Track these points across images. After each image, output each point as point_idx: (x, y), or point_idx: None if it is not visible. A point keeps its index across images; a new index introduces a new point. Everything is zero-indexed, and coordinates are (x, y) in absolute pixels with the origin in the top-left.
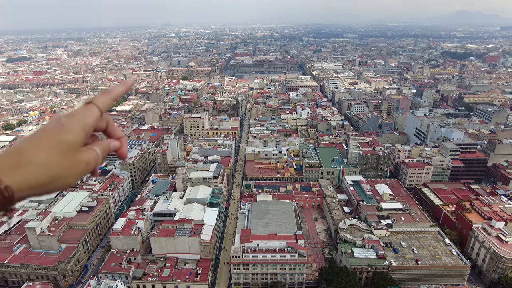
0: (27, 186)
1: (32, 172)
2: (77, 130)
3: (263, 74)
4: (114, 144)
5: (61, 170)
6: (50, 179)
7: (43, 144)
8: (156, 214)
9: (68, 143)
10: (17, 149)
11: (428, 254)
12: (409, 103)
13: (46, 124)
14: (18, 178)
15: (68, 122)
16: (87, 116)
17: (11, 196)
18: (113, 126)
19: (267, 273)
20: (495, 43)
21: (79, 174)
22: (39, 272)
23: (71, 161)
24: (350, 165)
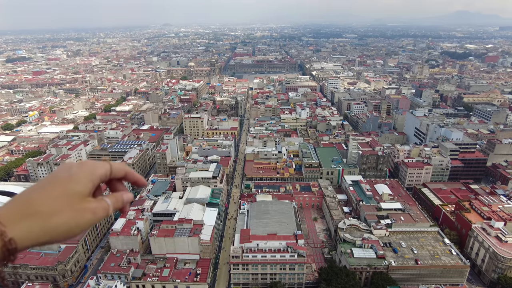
0: (30, 237)
1: (36, 223)
2: (85, 181)
3: (263, 74)
4: (128, 196)
5: (66, 219)
6: (55, 229)
7: (50, 194)
8: (156, 214)
9: (75, 192)
10: (25, 198)
11: (427, 254)
12: (409, 103)
13: (56, 172)
14: (22, 229)
15: (77, 172)
16: (97, 168)
17: (14, 248)
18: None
19: (266, 273)
20: (495, 43)
21: (85, 223)
22: (38, 272)
23: (77, 210)
24: (349, 165)
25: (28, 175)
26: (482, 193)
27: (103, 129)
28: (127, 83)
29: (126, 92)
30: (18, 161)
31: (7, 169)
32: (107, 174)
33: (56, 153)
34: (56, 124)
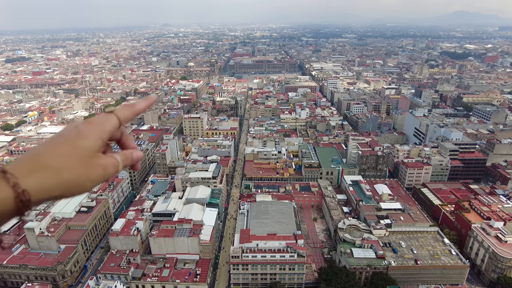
0: (44, 190)
1: (48, 177)
2: (94, 137)
3: (262, 74)
4: (137, 154)
5: (78, 174)
6: (66, 184)
7: (60, 149)
8: (155, 214)
9: (85, 148)
10: (35, 154)
11: (427, 254)
12: (408, 103)
13: (63, 130)
14: (35, 182)
15: (85, 128)
16: (106, 124)
17: (28, 200)
18: (127, 137)
19: (266, 273)
20: (494, 43)
21: (97, 179)
22: (38, 272)
23: (88, 165)
24: (349, 165)
25: None
26: (481, 193)
27: None
28: (126, 83)
29: (126, 92)
30: None
31: None
32: (116, 127)
33: None
34: (55, 124)
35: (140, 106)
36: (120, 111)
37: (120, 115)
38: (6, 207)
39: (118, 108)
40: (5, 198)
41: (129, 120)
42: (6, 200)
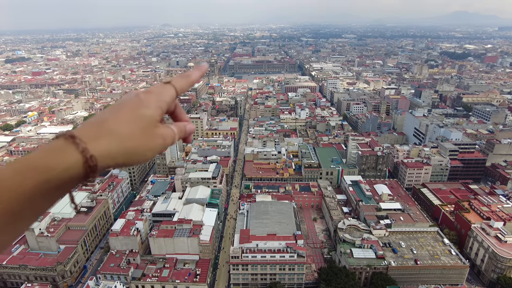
0: (109, 156)
1: (113, 143)
2: (155, 106)
3: (262, 74)
4: (190, 126)
5: (140, 142)
6: (130, 151)
7: (123, 117)
8: (155, 214)
9: (147, 117)
10: (100, 119)
11: (427, 254)
12: (408, 103)
13: (124, 98)
14: (102, 148)
15: (146, 98)
16: (164, 94)
17: (95, 165)
18: (180, 109)
19: (266, 273)
20: (493, 44)
21: (157, 148)
22: (37, 273)
23: (149, 134)
24: (349, 165)
25: None
26: (481, 193)
27: None
28: (126, 83)
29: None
30: None
31: None
32: (173, 97)
33: None
34: (55, 124)
35: (195, 76)
36: (176, 81)
37: (177, 86)
38: (76, 172)
39: (174, 78)
40: (75, 163)
41: (185, 90)
42: (76, 165)
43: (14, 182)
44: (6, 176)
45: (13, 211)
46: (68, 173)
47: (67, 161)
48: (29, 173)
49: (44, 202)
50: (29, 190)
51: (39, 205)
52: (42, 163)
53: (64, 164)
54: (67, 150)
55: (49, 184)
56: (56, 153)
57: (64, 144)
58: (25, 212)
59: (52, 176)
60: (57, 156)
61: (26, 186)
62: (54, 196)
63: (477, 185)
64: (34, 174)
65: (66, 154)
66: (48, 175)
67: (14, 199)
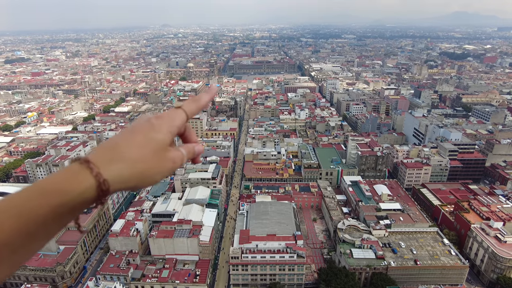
0: (121, 180)
1: (125, 167)
2: (166, 131)
3: (262, 74)
4: (199, 148)
5: (151, 166)
6: (141, 175)
7: (135, 141)
8: (155, 215)
9: (158, 141)
10: (112, 144)
11: (426, 254)
12: (408, 104)
13: (137, 123)
14: (114, 172)
15: (158, 123)
16: (175, 119)
17: (107, 189)
18: (190, 131)
19: (266, 274)
20: (493, 44)
21: (166, 171)
22: (37, 273)
23: (160, 158)
24: (348, 166)
25: (27, 176)
26: (481, 193)
27: (102, 130)
28: (126, 84)
29: (125, 93)
30: (17, 162)
31: (5, 170)
32: (184, 122)
33: (55, 154)
34: (55, 125)
35: (205, 99)
36: (187, 106)
37: (187, 110)
38: (89, 195)
39: (185, 103)
40: (89, 187)
41: (195, 114)
42: (89, 189)
43: (32, 205)
44: (24, 199)
45: (29, 233)
46: (82, 197)
47: (82, 186)
48: (46, 197)
49: (58, 224)
50: (45, 213)
51: (53, 227)
52: (59, 188)
53: (79, 188)
54: (82, 175)
55: (64, 207)
56: (72, 177)
57: (79, 169)
58: (39, 233)
59: (67, 200)
60: (72, 180)
61: (42, 209)
62: (67, 218)
63: (476, 185)
64: (50, 198)
65: (81, 178)
66: (64, 199)
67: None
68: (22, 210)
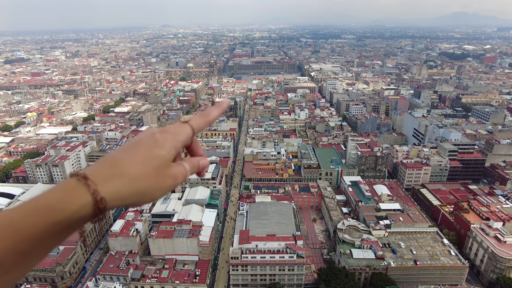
0: (119, 198)
1: (124, 184)
2: (169, 147)
3: (262, 75)
4: (204, 162)
5: (151, 184)
6: (140, 192)
7: (136, 157)
8: (155, 215)
9: (160, 157)
10: (113, 160)
11: (426, 255)
12: (407, 104)
13: (139, 137)
14: (112, 189)
15: (162, 138)
16: (180, 134)
17: (105, 207)
18: (197, 144)
19: (266, 274)
20: (492, 44)
21: (167, 188)
22: (36, 274)
23: (161, 175)
24: (348, 166)
25: (27, 176)
26: (480, 193)
27: (101, 130)
28: (125, 84)
29: (125, 93)
30: (17, 162)
31: (5, 170)
32: (189, 137)
33: (55, 154)
34: (54, 125)
35: (214, 114)
36: (194, 121)
37: (194, 125)
38: (85, 213)
39: (193, 117)
40: (85, 205)
41: (202, 129)
42: (86, 207)
43: (26, 223)
44: (18, 217)
45: (23, 251)
46: (78, 215)
47: (78, 203)
48: (41, 215)
49: (53, 241)
50: (40, 231)
51: (48, 244)
52: (54, 205)
53: (75, 206)
54: (78, 192)
55: (59, 225)
56: (68, 194)
57: (77, 185)
58: (34, 252)
59: (63, 217)
60: (68, 197)
61: (37, 227)
62: (63, 235)
63: (476, 185)
64: (45, 216)
65: (78, 195)
66: (59, 217)
67: (26, 240)
68: (15, 228)
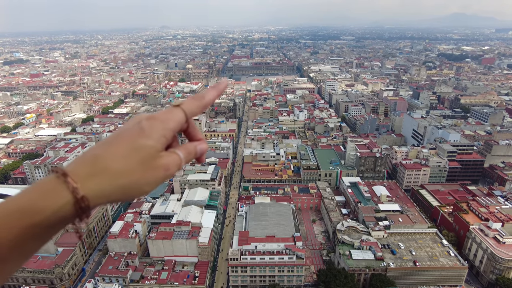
0: (103, 195)
1: (107, 180)
2: (158, 135)
3: (261, 76)
4: (202, 147)
5: (137, 177)
6: (125, 188)
7: (120, 150)
8: (154, 216)
9: (147, 148)
10: (94, 154)
11: (425, 255)
12: (406, 105)
13: (125, 126)
14: (94, 187)
15: (149, 125)
16: (170, 120)
17: (87, 206)
18: (194, 128)
19: (265, 275)
20: (491, 45)
21: (156, 181)
22: (35, 275)
23: (148, 167)
24: (347, 167)
25: (25, 177)
26: (479, 194)
27: (101, 132)
28: (125, 85)
29: (124, 94)
30: (15, 164)
31: (4, 171)
32: (181, 123)
33: (54, 155)
34: (53, 126)
35: (209, 97)
36: (187, 104)
37: (187, 110)
38: (66, 213)
39: (186, 101)
40: (65, 204)
41: (196, 113)
42: (66, 206)
43: None
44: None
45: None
46: (58, 215)
47: (58, 203)
48: (16, 217)
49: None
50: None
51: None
52: (30, 206)
53: (53, 206)
54: (57, 190)
55: (38, 227)
56: (46, 193)
57: (55, 183)
58: (13, 256)
59: (40, 219)
60: (46, 197)
61: (12, 231)
62: (44, 237)
63: (475, 186)
64: (21, 218)
65: (56, 194)
66: (37, 219)
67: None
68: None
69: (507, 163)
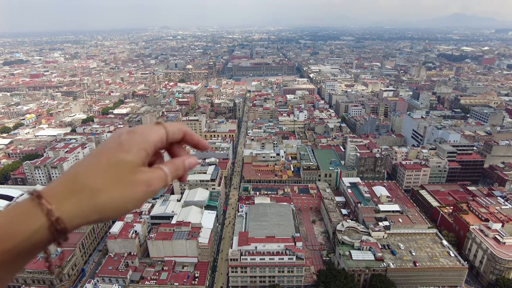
0: (80, 216)
1: (84, 200)
2: (137, 149)
3: (261, 76)
4: (190, 161)
5: (116, 195)
6: (104, 206)
7: (97, 166)
8: (154, 217)
9: (125, 163)
10: (73, 173)
11: (425, 256)
12: (406, 105)
13: (105, 142)
14: (70, 207)
15: (128, 139)
16: (150, 134)
17: (63, 228)
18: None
19: (265, 276)
20: (491, 46)
21: (139, 198)
22: (35, 276)
23: (127, 183)
24: (347, 167)
25: (25, 178)
26: (479, 194)
27: (100, 132)
28: (124, 85)
29: (124, 94)
30: (15, 164)
31: (4, 172)
32: (162, 139)
33: (54, 156)
34: (53, 127)
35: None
36: (168, 125)
37: (168, 128)
38: (40, 237)
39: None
40: (39, 228)
41: (176, 136)
42: (40, 230)
43: None
44: None
45: None
46: (32, 240)
47: (31, 227)
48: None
49: (9, 270)
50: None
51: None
52: (2, 232)
53: (27, 230)
54: (31, 213)
55: (10, 254)
56: (18, 217)
57: (29, 206)
58: None
59: (13, 245)
60: (19, 221)
61: None
62: (18, 264)
63: (475, 186)
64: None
65: (30, 218)
66: (9, 245)
67: None
68: None
69: (507, 163)
